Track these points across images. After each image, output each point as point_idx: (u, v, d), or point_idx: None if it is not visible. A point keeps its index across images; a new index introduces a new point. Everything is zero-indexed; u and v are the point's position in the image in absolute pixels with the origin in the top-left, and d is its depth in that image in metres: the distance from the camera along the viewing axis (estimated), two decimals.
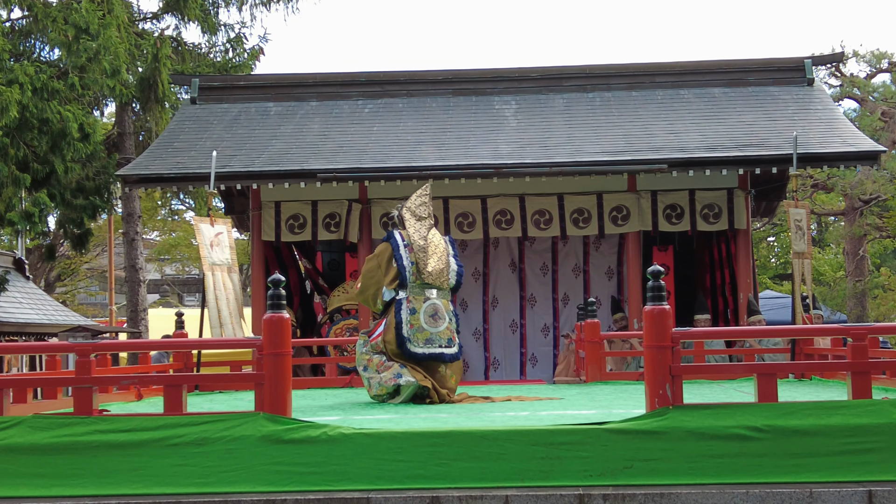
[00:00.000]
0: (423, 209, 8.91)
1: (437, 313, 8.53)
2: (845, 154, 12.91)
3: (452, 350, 8.54)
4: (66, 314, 23.05)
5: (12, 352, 9.15)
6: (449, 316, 8.63)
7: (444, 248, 8.81)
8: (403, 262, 8.52)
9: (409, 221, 8.77)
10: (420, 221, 8.81)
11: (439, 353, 8.43)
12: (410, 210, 8.87)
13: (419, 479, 5.45)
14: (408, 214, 8.83)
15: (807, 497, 5.24)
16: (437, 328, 8.48)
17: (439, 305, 8.57)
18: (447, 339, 8.52)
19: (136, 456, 5.66)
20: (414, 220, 8.79)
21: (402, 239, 8.66)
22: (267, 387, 5.94)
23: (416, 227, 8.73)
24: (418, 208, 8.90)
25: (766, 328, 10.31)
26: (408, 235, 8.68)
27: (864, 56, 26.30)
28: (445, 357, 8.46)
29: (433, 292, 8.58)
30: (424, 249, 8.61)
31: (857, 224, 24.97)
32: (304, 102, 15.55)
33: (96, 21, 16.12)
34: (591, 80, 15.58)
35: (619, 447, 5.50)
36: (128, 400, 9.07)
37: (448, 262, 8.75)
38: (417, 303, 8.47)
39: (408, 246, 8.62)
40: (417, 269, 8.54)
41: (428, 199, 9.02)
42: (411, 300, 8.47)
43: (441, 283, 8.63)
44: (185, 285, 42.29)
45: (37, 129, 16.04)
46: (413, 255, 8.57)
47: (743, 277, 13.68)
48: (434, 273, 8.57)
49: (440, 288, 8.63)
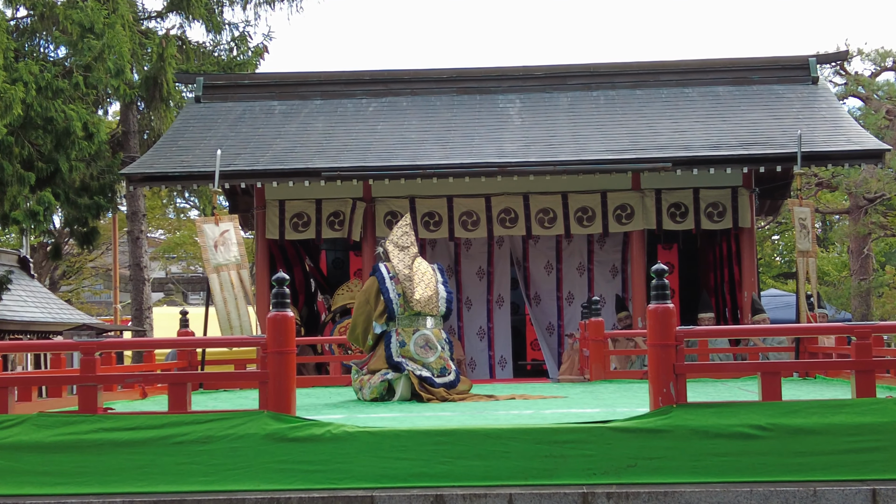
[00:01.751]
0: (406, 238, 9.06)
1: (427, 343, 8.61)
2: (850, 152, 12.89)
3: (447, 379, 8.57)
4: (71, 313, 23.08)
5: (18, 350, 9.17)
6: (441, 345, 8.70)
7: (431, 275, 8.92)
8: (390, 294, 8.63)
9: (392, 253, 8.92)
10: (403, 251, 8.93)
11: (429, 378, 8.44)
12: (393, 242, 9.04)
13: (423, 478, 5.45)
14: (391, 246, 8.99)
15: (811, 495, 5.24)
16: (428, 359, 8.55)
17: (430, 336, 8.65)
18: (440, 367, 8.57)
19: (141, 454, 5.67)
20: (397, 251, 8.93)
21: (387, 271, 8.78)
22: (271, 385, 5.95)
23: (399, 258, 8.85)
24: (400, 239, 9.05)
25: (771, 327, 10.32)
26: (393, 267, 8.77)
27: (869, 54, 26.23)
28: (436, 385, 8.45)
29: (425, 321, 8.67)
30: (410, 278, 8.71)
31: (861, 223, 24.91)
32: (308, 101, 15.55)
33: (101, 20, 16.15)
34: (596, 79, 15.57)
35: (623, 446, 5.50)
36: (132, 398, 9.09)
37: (437, 290, 8.85)
38: (406, 335, 8.57)
39: (393, 277, 8.74)
40: (405, 300, 8.65)
41: (409, 229, 9.20)
42: (400, 332, 8.58)
43: (431, 311, 8.72)
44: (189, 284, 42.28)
45: (41, 127, 16.07)
46: (399, 287, 8.67)
47: (747, 276, 13.67)
48: (422, 301, 8.66)
49: (431, 315, 8.70)
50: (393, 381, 8.43)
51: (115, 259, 26.55)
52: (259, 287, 14.34)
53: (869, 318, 24.49)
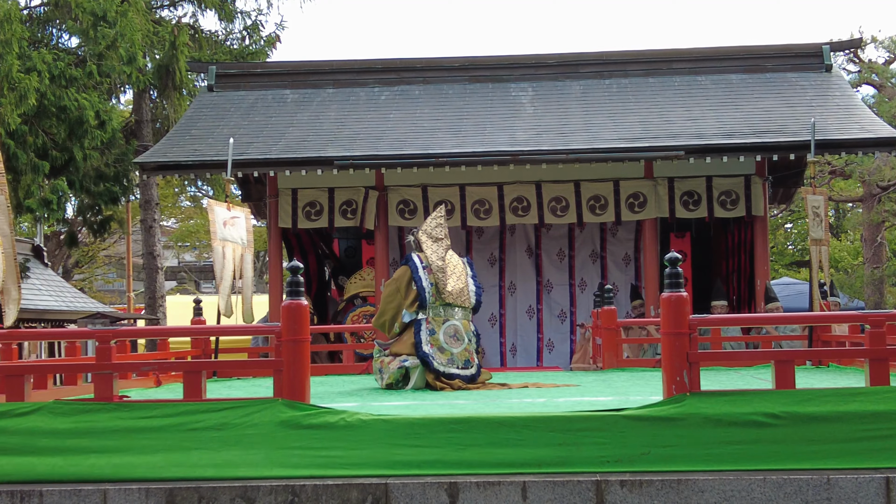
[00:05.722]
0: (440, 230, 8.99)
1: (456, 334, 8.60)
2: (863, 140, 12.84)
3: (469, 372, 8.57)
4: (85, 301, 23.17)
5: (34, 338, 9.23)
6: (469, 336, 8.69)
7: (462, 269, 8.91)
8: (423, 283, 8.59)
9: (426, 244, 8.85)
10: (437, 243, 8.89)
11: (456, 373, 8.47)
12: (427, 233, 8.96)
13: (437, 465, 5.46)
14: (424, 237, 8.91)
15: (824, 484, 5.24)
16: (456, 349, 8.54)
17: (459, 326, 8.64)
18: (464, 360, 8.57)
19: (156, 440, 5.70)
20: (431, 241, 8.87)
21: (420, 261, 8.73)
22: (286, 373, 5.96)
23: (433, 249, 8.80)
24: (434, 230, 8.98)
25: (784, 315, 10.31)
26: (426, 257, 8.74)
27: (883, 42, 26.13)
28: (462, 378, 8.48)
29: (454, 312, 8.66)
30: (443, 270, 8.67)
31: (875, 211, 24.83)
32: (320, 90, 15.56)
33: (114, 9, 16.19)
34: (608, 67, 15.54)
35: (637, 434, 5.51)
36: (147, 386, 9.14)
37: (467, 283, 8.82)
38: (437, 324, 8.54)
39: (426, 268, 8.68)
40: (437, 290, 8.60)
41: (443, 221, 9.13)
42: (430, 321, 8.55)
43: (463, 302, 8.71)
44: (202, 272, 42.37)
45: (55, 116, 16.12)
46: (432, 277, 8.63)
47: (760, 264, 13.65)
48: (454, 293, 8.63)
49: (462, 307, 8.70)
50: (410, 368, 8.43)
51: (128, 248, 26.65)
52: (272, 275, 14.40)
53: (882, 306, 24.43)
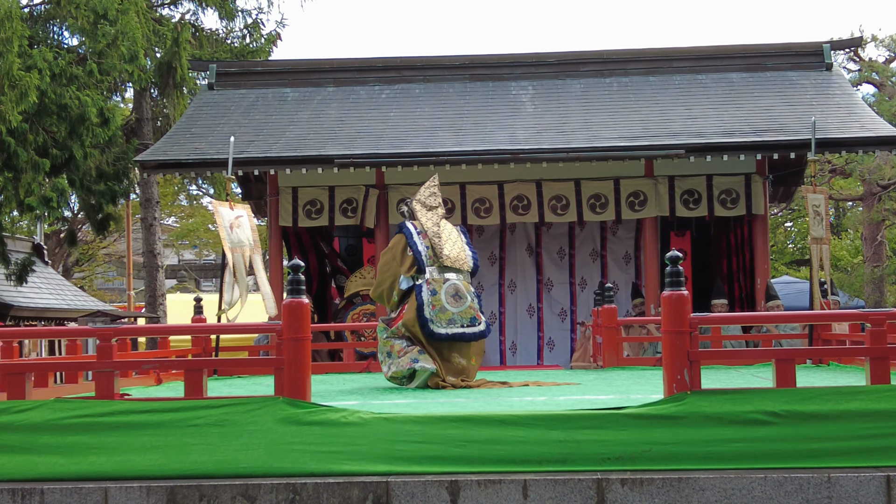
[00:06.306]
0: (433, 199, 8.98)
1: (457, 293, 8.54)
2: (864, 139, 12.84)
3: (477, 328, 8.54)
4: (85, 299, 23.20)
5: (35, 336, 9.24)
6: (471, 296, 8.66)
7: (457, 236, 8.89)
8: (419, 247, 8.57)
9: (420, 212, 8.84)
10: (431, 211, 8.88)
11: (460, 332, 8.43)
12: (420, 201, 8.95)
13: (438, 463, 5.46)
14: (418, 206, 8.90)
15: (825, 482, 5.24)
16: (459, 307, 8.50)
17: (460, 286, 8.59)
18: (470, 317, 8.53)
19: (157, 437, 5.69)
20: (425, 210, 8.87)
21: (415, 228, 8.73)
22: (287, 371, 5.96)
23: (427, 216, 8.80)
24: (428, 199, 8.97)
25: (784, 313, 10.34)
26: (421, 224, 8.74)
27: (883, 41, 26.13)
28: (466, 336, 8.47)
29: (453, 275, 8.61)
30: (439, 235, 8.66)
31: (875, 209, 24.84)
32: (321, 88, 15.56)
33: (115, 7, 16.17)
34: (609, 66, 15.54)
35: (638, 432, 5.50)
36: (147, 384, 9.14)
37: (463, 248, 8.80)
38: (437, 284, 8.49)
39: (421, 233, 8.67)
40: (434, 254, 8.58)
41: (437, 189, 9.10)
42: (431, 282, 8.48)
43: (461, 266, 8.68)
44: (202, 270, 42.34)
45: (56, 114, 16.10)
46: (428, 241, 8.61)
47: (760, 263, 13.66)
48: (452, 257, 8.61)
49: (459, 270, 8.67)
50: (419, 371, 8.39)
51: (128, 246, 26.65)
52: (273, 273, 14.39)
53: (882, 304, 24.45)
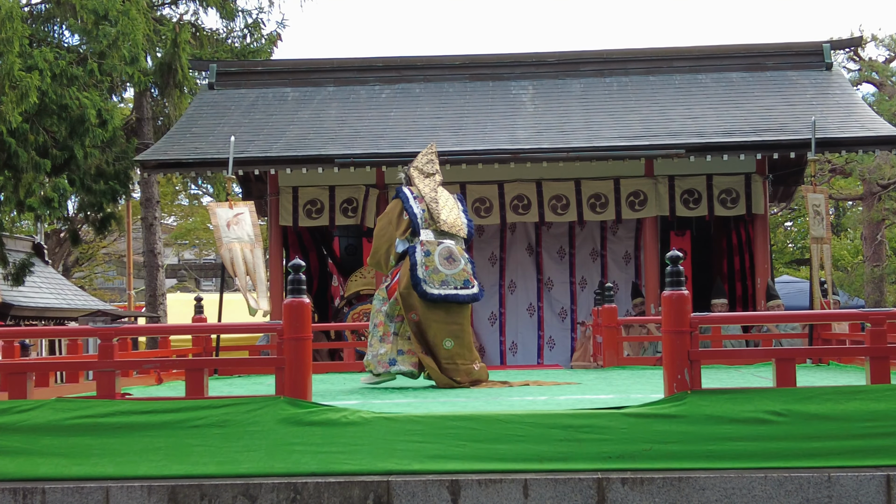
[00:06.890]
0: (430, 166, 8.98)
1: (451, 255, 8.52)
2: (864, 139, 12.86)
3: (469, 291, 8.52)
4: (85, 299, 23.22)
5: (36, 336, 9.22)
6: (464, 260, 8.63)
7: (454, 203, 8.89)
8: (414, 210, 8.56)
9: (417, 178, 8.84)
10: (429, 178, 8.88)
11: (453, 294, 8.41)
12: (418, 168, 8.95)
13: (439, 462, 5.47)
14: (415, 172, 8.91)
15: (825, 481, 5.25)
16: (452, 270, 8.47)
17: (454, 249, 8.58)
18: (463, 280, 8.50)
19: (158, 437, 5.69)
20: (422, 176, 8.87)
21: (411, 193, 8.72)
22: (287, 371, 5.96)
23: (425, 183, 8.81)
24: (425, 166, 8.97)
25: (785, 313, 10.35)
26: (417, 190, 8.74)
27: (883, 40, 26.13)
28: (460, 298, 8.44)
29: (448, 239, 8.61)
30: (436, 200, 8.66)
31: (875, 209, 24.85)
32: (321, 88, 15.56)
33: (115, 7, 16.17)
34: (609, 65, 15.54)
35: (638, 431, 5.51)
36: (148, 384, 9.15)
37: (459, 215, 8.81)
38: (431, 246, 8.47)
39: (418, 198, 8.67)
40: (431, 217, 8.58)
41: (434, 157, 9.09)
42: (425, 244, 8.47)
43: (457, 232, 8.68)
44: (202, 270, 42.36)
45: (56, 114, 16.11)
46: (424, 205, 8.62)
47: (761, 262, 13.67)
48: (448, 222, 8.61)
49: (455, 236, 8.68)
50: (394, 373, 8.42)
51: (128, 245, 26.66)
52: (273, 273, 14.39)
53: (882, 304, 24.45)
